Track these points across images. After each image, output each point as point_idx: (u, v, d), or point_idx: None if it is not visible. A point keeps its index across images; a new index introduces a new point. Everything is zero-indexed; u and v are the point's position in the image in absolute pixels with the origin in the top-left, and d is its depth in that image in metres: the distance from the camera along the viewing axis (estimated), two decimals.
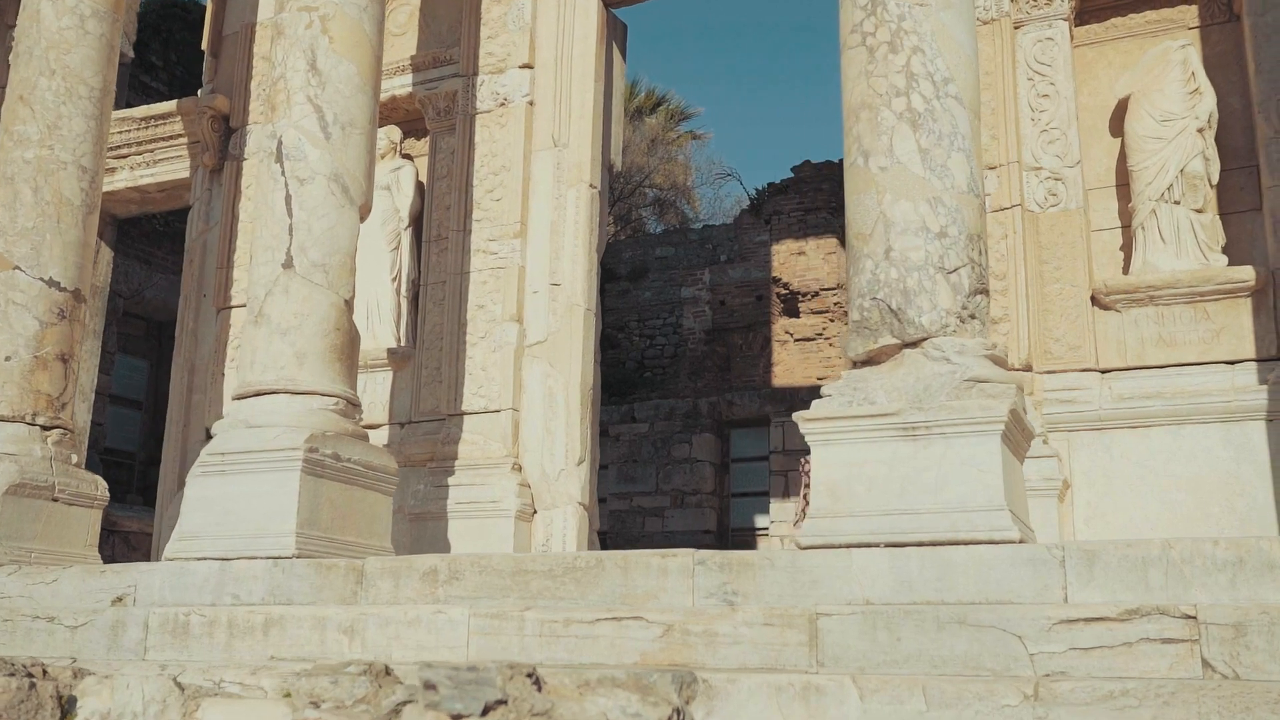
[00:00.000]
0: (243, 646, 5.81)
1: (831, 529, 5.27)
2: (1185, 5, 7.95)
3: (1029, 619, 4.45)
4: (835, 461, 5.37)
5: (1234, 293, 7.09)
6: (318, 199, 7.05)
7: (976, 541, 4.98)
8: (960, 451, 5.16)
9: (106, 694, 3.57)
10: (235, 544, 6.48)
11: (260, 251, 7.07)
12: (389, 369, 9.35)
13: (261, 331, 6.92)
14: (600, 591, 5.49)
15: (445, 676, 2.66)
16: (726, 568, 5.29)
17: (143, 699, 3.50)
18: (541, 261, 9.03)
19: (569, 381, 8.77)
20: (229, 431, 6.78)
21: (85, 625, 6.26)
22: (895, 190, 5.60)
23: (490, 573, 5.76)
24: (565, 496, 8.60)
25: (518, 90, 9.35)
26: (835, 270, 20.06)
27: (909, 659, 4.58)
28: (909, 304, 5.47)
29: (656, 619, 5.01)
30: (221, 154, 10.42)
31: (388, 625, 5.52)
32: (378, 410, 9.26)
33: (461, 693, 2.62)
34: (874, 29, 5.81)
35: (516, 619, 5.27)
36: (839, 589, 5.06)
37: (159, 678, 3.66)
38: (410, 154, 10.04)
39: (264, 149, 7.27)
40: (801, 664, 4.72)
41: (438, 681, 2.65)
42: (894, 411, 5.28)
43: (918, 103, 5.65)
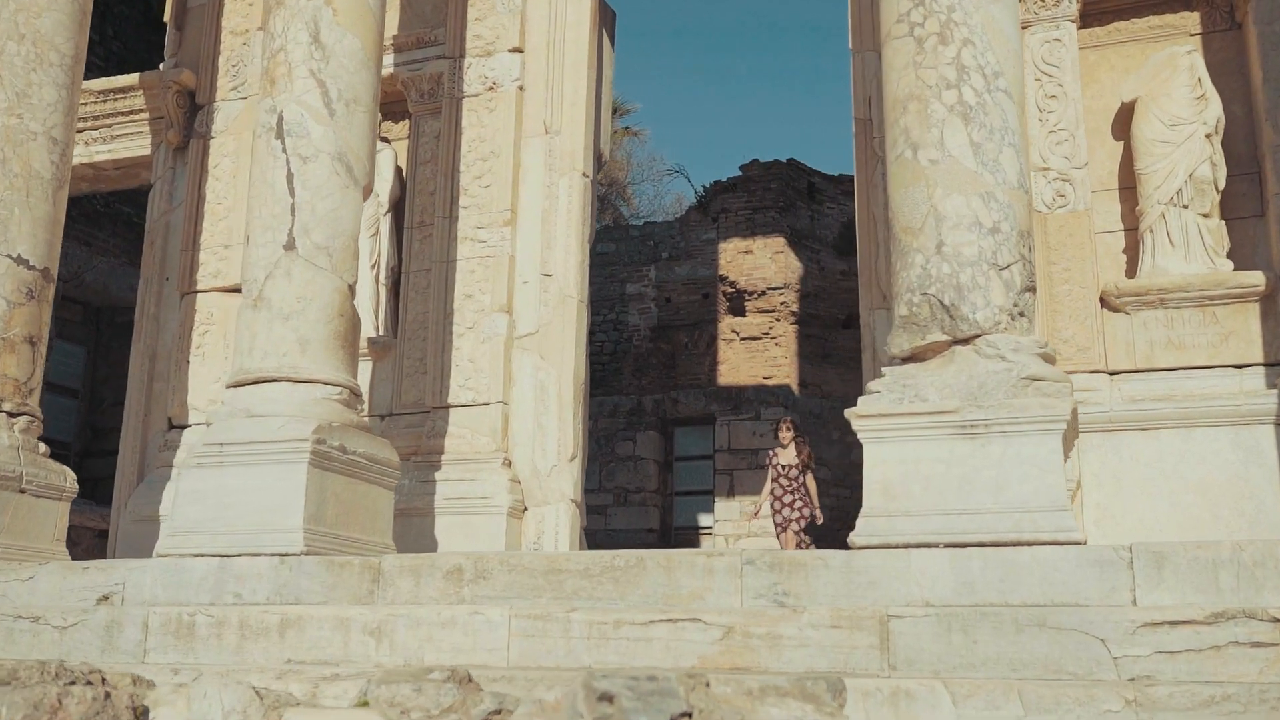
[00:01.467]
0: (256, 649, 5.48)
1: (887, 529, 5.15)
2: (1187, 12, 8.01)
3: (1111, 622, 4.37)
4: (889, 459, 5.25)
5: (1243, 297, 7.15)
6: (321, 178, 6.72)
7: (1040, 542, 4.90)
8: (1021, 450, 5.08)
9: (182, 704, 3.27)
10: (236, 540, 6.14)
11: (259, 231, 6.71)
12: (369, 359, 8.99)
13: (261, 316, 6.57)
14: (641, 592, 5.29)
15: (624, 686, 2.44)
16: (777, 567, 5.13)
17: (221, 709, 3.21)
18: (532, 251, 8.77)
19: (562, 375, 8.53)
20: (227, 421, 6.42)
21: (76, 625, 5.86)
22: (946, 184, 5.50)
23: (520, 571, 5.52)
24: (558, 493, 8.36)
25: (507, 75, 9.07)
26: (783, 270, 20.07)
27: (986, 662, 4.47)
28: (962, 300, 5.37)
29: (715, 620, 4.83)
30: (187, 131, 9.94)
31: (419, 626, 5.25)
32: None
33: (645, 704, 2.40)
34: (922, 19, 5.71)
35: (562, 620, 5.04)
36: (897, 590, 4.93)
37: (238, 685, 3.37)
38: (387, 136, 9.69)
39: (262, 124, 6.91)
40: (873, 667, 4.58)
41: (616, 692, 2.43)
42: (952, 409, 5.17)
43: (969, 96, 5.56)
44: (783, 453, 11.07)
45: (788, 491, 10.82)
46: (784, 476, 10.88)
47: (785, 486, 10.86)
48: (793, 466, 10.89)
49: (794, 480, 10.83)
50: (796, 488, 10.80)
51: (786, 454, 11.03)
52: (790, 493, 10.80)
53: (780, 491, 10.88)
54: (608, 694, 2.47)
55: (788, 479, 10.86)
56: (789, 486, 10.84)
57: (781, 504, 10.81)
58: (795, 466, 10.88)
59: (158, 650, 5.65)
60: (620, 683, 2.49)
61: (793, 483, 10.83)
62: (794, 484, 10.81)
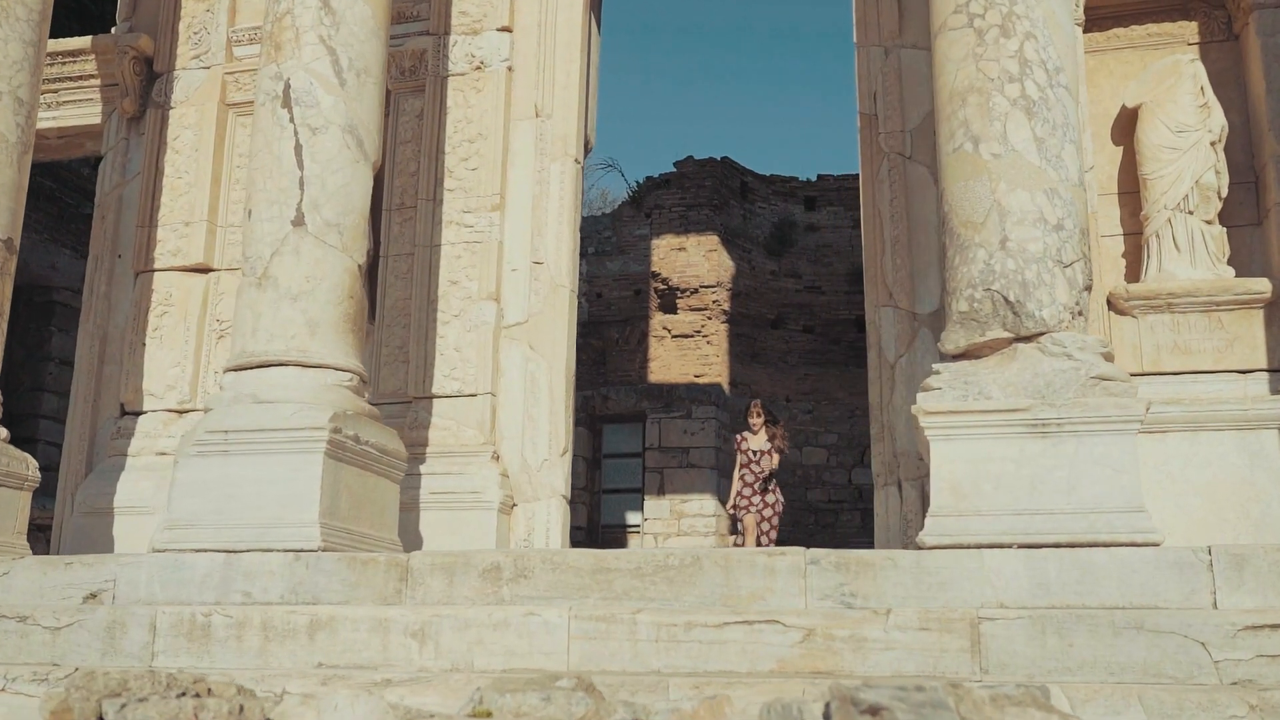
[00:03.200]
0: (282, 652, 5.10)
1: (958, 528, 5.03)
2: (1185, 21, 8.11)
3: (1211, 625, 4.31)
4: (958, 458, 5.13)
5: (1249, 303, 7.25)
6: (331, 151, 6.34)
7: (1117, 544, 4.83)
8: (1093, 450, 5.01)
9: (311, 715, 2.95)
10: (243, 534, 5.73)
11: (263, 205, 6.29)
12: None
13: (267, 295, 6.16)
14: (698, 592, 5.07)
15: (893, 697, 2.23)
16: (843, 567, 4.97)
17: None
18: (522, 238, 8.46)
19: (553, 366, 8.25)
20: (231, 407, 5.99)
21: (72, 626, 5.38)
22: (1010, 179, 5.41)
23: (564, 570, 5.25)
24: (549, 489, 8.08)
25: (496, 55, 8.74)
26: (715, 268, 19.99)
27: (1083, 666, 4.37)
28: (1028, 297, 5.28)
29: (795, 622, 4.64)
30: (143, 100, 9.35)
31: (467, 628, 4.94)
32: None
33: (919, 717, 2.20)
34: (983, 11, 5.61)
35: (627, 622, 4.79)
36: (970, 591, 4.81)
37: (369, 698, 3.05)
38: None
39: (265, 91, 6.49)
40: (963, 671, 4.44)
41: (885, 704, 2.22)
42: (1023, 408, 5.08)
43: (1032, 90, 5.47)
44: (753, 438, 10.59)
45: (759, 478, 10.36)
46: (755, 463, 10.42)
47: (757, 473, 10.39)
48: (764, 453, 10.43)
49: (765, 467, 10.40)
50: (768, 475, 10.35)
51: (757, 439, 10.55)
52: (761, 480, 10.35)
53: (752, 479, 10.39)
54: (876, 706, 2.26)
55: (760, 465, 10.41)
56: (760, 473, 10.38)
57: (753, 490, 10.33)
58: (766, 453, 10.42)
59: (168, 653, 5.22)
60: (888, 693, 2.27)
61: (765, 470, 10.39)
62: (766, 471, 10.37)
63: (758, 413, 10.65)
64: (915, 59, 8.09)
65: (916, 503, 7.45)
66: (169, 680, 2.99)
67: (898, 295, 7.76)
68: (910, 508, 7.46)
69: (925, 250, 7.78)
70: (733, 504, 10.43)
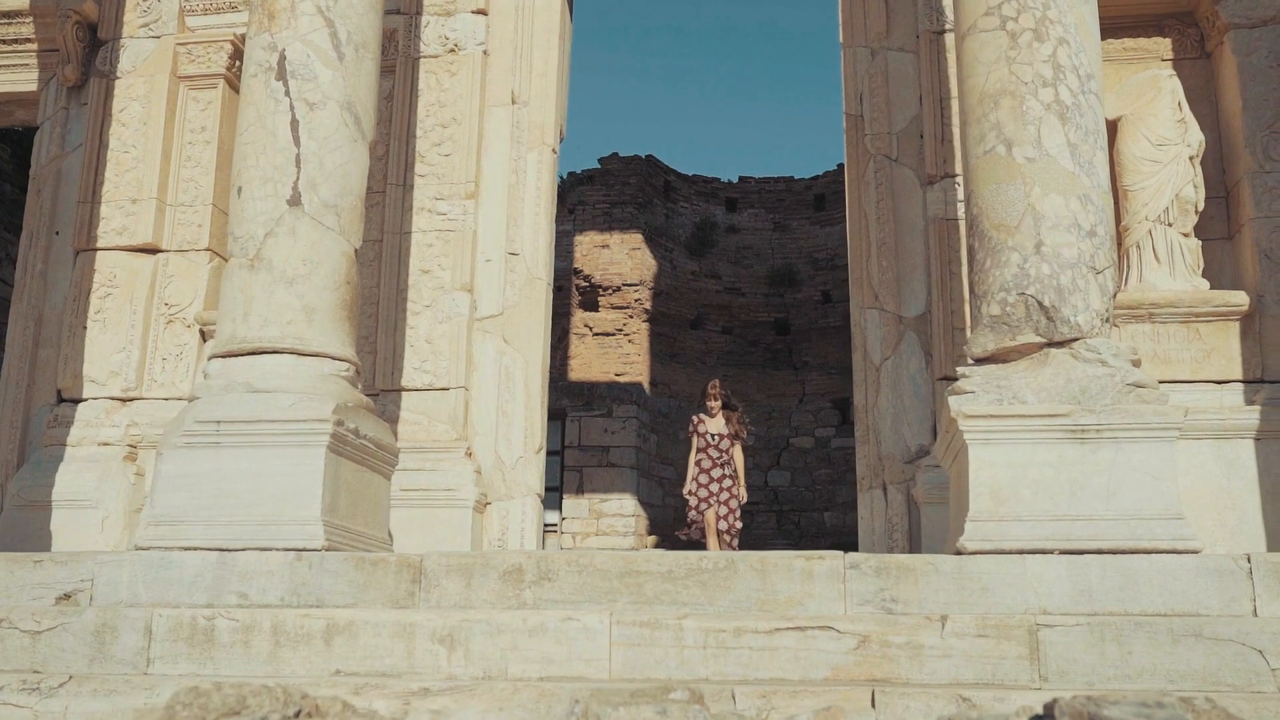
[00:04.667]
0: (295, 658, 4.79)
1: (999, 533, 4.98)
2: (1160, 37, 8.27)
3: (1269, 633, 4.34)
4: (997, 462, 5.08)
5: (1226, 315, 7.41)
6: (330, 128, 6.02)
7: (1158, 551, 4.84)
8: (1132, 457, 5.01)
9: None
10: (238, 532, 5.38)
11: (256, 183, 5.93)
12: None
13: (260, 278, 5.81)
14: (733, 597, 4.93)
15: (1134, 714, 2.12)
16: (883, 572, 4.88)
17: None
18: (496, 227, 8.20)
19: (529, 361, 8.02)
20: (223, 395, 5.62)
21: (54, 630, 4.97)
22: (1045, 183, 5.39)
23: (591, 573, 5.05)
24: (524, 487, 7.84)
25: (471, 37, 8.46)
26: (639, 266, 19.86)
27: (1142, 673, 4.35)
28: (1063, 302, 5.27)
29: (850, 629, 4.53)
30: (85, 68, 8.80)
31: (500, 634, 4.70)
32: None
33: None
34: (1015, 14, 5.59)
35: (673, 628, 4.61)
36: (1013, 597, 4.77)
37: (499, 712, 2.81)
38: None
39: (257, 61, 6.12)
40: (1023, 679, 4.39)
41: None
42: (1063, 413, 5.06)
43: (1065, 95, 5.47)
44: (710, 421, 9.47)
45: (717, 465, 9.26)
46: (713, 448, 9.32)
47: (714, 459, 9.28)
48: (722, 436, 9.35)
49: (724, 453, 9.32)
50: (726, 461, 9.29)
51: (715, 422, 9.45)
52: (719, 466, 9.26)
53: (709, 464, 9.28)
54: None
55: (717, 450, 9.31)
56: (718, 459, 9.28)
57: (710, 478, 9.22)
58: (725, 437, 9.35)
59: (166, 660, 4.85)
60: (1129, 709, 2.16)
61: (723, 454, 9.31)
62: (724, 456, 9.30)
63: (715, 394, 9.58)
64: (901, 61, 8.09)
65: (902, 506, 7.44)
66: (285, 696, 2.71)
67: (884, 298, 7.73)
68: (895, 511, 7.44)
69: (911, 253, 7.78)
70: (689, 490, 9.35)
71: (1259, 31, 7.80)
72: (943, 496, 7.10)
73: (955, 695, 4.07)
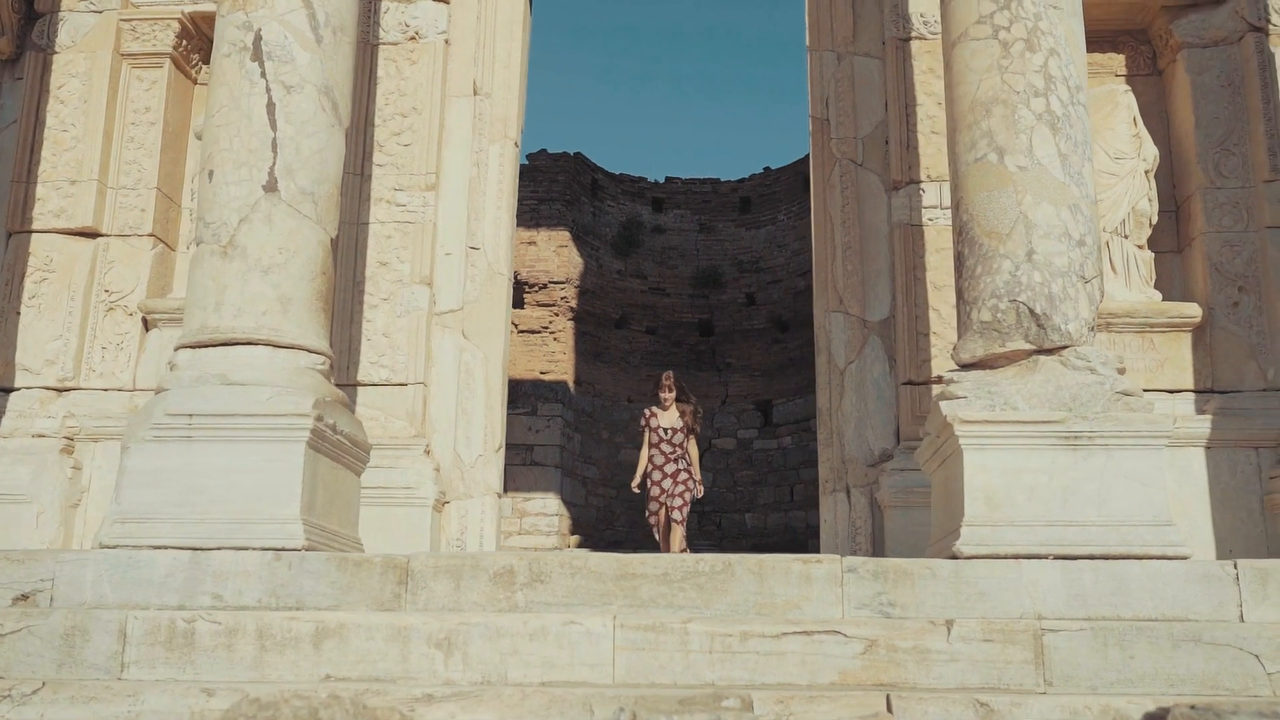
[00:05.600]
0: (282, 662, 4.59)
1: (994, 538, 5.02)
2: (1115, 53, 8.46)
3: (1264, 638, 4.44)
4: (991, 467, 5.12)
5: (1179, 326, 7.60)
6: (308, 113, 5.81)
7: (1149, 556, 4.93)
8: (1122, 464, 5.10)
9: None
10: (211, 530, 5.16)
11: (230, 167, 5.70)
12: None
13: (234, 266, 5.58)
14: (730, 600, 4.88)
15: None
16: (881, 576, 4.88)
17: None
18: (457, 220, 8.03)
19: (489, 357, 7.86)
20: (195, 388, 5.38)
21: (18, 633, 4.69)
22: (1036, 192, 5.45)
23: (585, 575, 4.96)
24: (483, 486, 7.69)
25: (433, 25, 8.27)
26: (565, 264, 19.72)
27: (1143, 678, 4.42)
28: (1054, 310, 5.33)
29: (856, 633, 4.51)
30: (20, 41, 8.38)
31: (499, 638, 4.57)
32: None
33: None
34: (1008, 24, 5.64)
35: (678, 632, 4.54)
36: (1009, 601, 4.82)
37: None
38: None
39: (231, 41, 5.88)
40: (1028, 683, 4.42)
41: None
42: (1057, 420, 5.12)
43: (1056, 106, 5.54)
44: (663, 414, 9.09)
45: (670, 460, 8.90)
46: (666, 442, 8.95)
47: (667, 454, 8.92)
48: (676, 430, 8.99)
49: (678, 447, 8.95)
50: (680, 455, 8.92)
51: (668, 416, 9.08)
52: (673, 461, 8.89)
53: (662, 460, 8.91)
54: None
55: (670, 444, 8.94)
56: (671, 454, 8.92)
57: (664, 474, 8.88)
58: (679, 430, 9.00)
59: (142, 664, 4.62)
60: None
61: (677, 449, 8.94)
62: (678, 450, 8.94)
63: (669, 385, 9.17)
64: (868, 67, 8.14)
65: (865, 509, 7.48)
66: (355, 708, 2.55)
67: (848, 302, 7.76)
68: (859, 514, 7.47)
69: (875, 258, 7.82)
70: (638, 484, 9.06)
71: (1210, 51, 8.02)
72: (908, 500, 7.17)
73: (972, 700, 4.07)
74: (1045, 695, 4.29)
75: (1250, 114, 7.81)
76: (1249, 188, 7.74)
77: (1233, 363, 7.57)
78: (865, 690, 4.34)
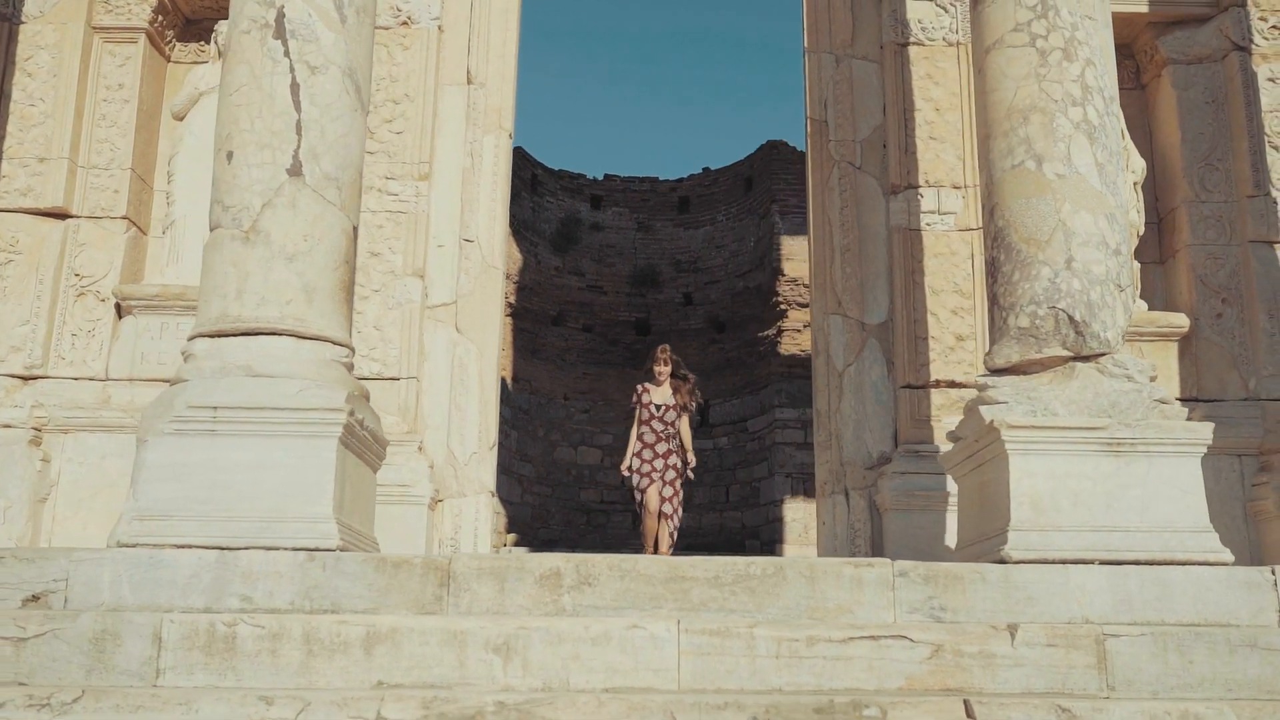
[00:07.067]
0: (331, 669, 4.39)
1: (1042, 543, 5.04)
2: None
3: None
4: (1037, 472, 5.14)
5: (1167, 336, 7.78)
6: (332, 95, 5.59)
7: (1191, 562, 4.99)
8: (1163, 471, 5.16)
9: None
10: (238, 529, 4.92)
11: (251, 148, 5.45)
12: None
13: (256, 252, 5.34)
14: (782, 604, 4.82)
15: None
16: (932, 580, 4.87)
17: None
18: (450, 212, 7.84)
19: (484, 352, 7.69)
20: (219, 379, 5.13)
21: (43, 637, 4.40)
22: (1075, 200, 5.50)
23: (635, 578, 4.85)
24: (477, 484, 7.51)
25: (425, 11, 8.05)
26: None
27: (1203, 683, 4.47)
28: (1093, 317, 5.38)
29: (922, 638, 4.48)
30: None
31: (561, 643, 4.44)
32: None
33: None
34: (1045, 32, 5.68)
35: (744, 637, 4.46)
36: (1057, 606, 4.84)
37: None
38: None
39: (251, 17, 5.62)
40: (1091, 688, 4.44)
41: None
42: (1100, 426, 5.16)
43: (1093, 115, 5.60)
44: (656, 390, 8.36)
45: (661, 439, 8.17)
46: (658, 419, 8.22)
47: (659, 432, 8.18)
48: (669, 408, 8.27)
49: (670, 425, 8.24)
50: (672, 435, 8.23)
51: (660, 392, 8.34)
52: (664, 440, 8.17)
53: (653, 438, 8.17)
54: None
55: (662, 422, 8.21)
56: (663, 433, 8.19)
57: (654, 453, 8.15)
58: (673, 408, 8.28)
59: (179, 670, 4.37)
60: None
61: (669, 428, 8.23)
62: (670, 429, 8.23)
63: (665, 360, 8.46)
64: (866, 71, 8.16)
65: (865, 512, 7.49)
66: None
67: (847, 304, 7.77)
68: (858, 517, 7.48)
69: (874, 261, 7.84)
70: (627, 466, 8.28)
71: (1195, 68, 8.22)
72: (909, 504, 7.21)
73: (1053, 705, 4.08)
74: (1119, 700, 4.31)
75: (1234, 131, 8.02)
76: (1232, 202, 7.95)
77: (1216, 372, 7.76)
78: (934, 695, 4.31)
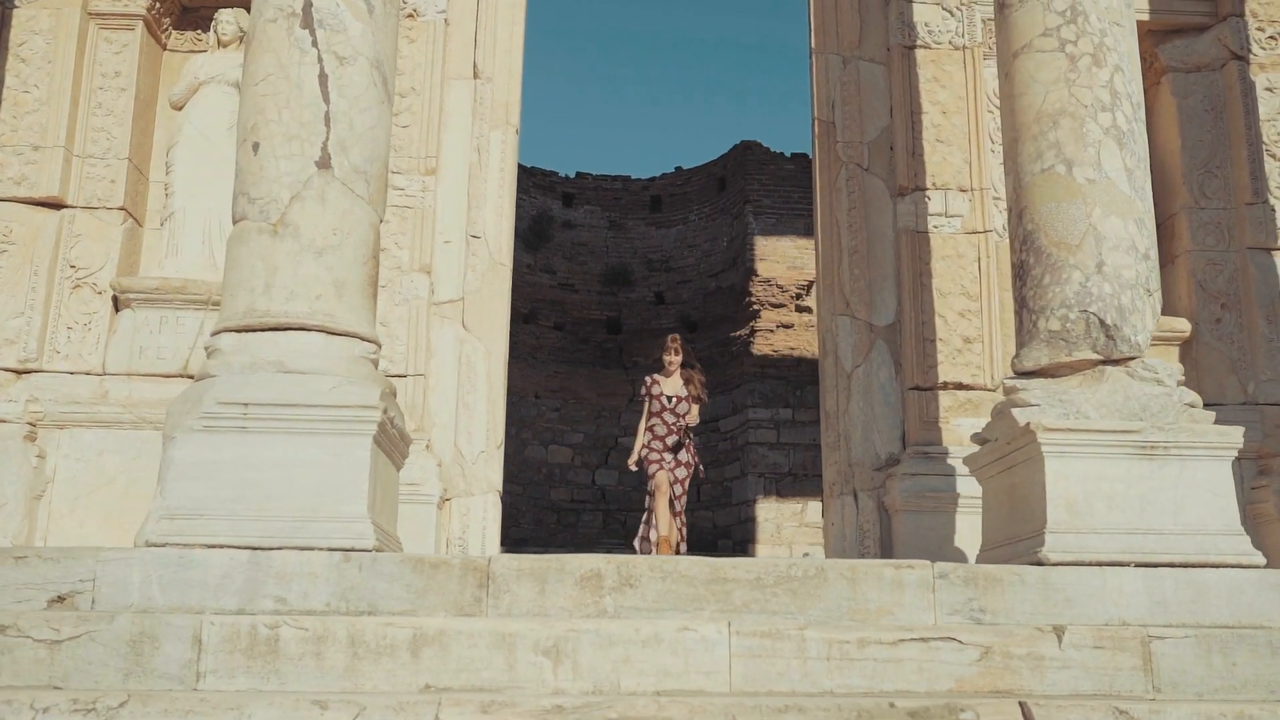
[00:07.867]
0: (377, 672, 4.31)
1: (1078, 546, 5.07)
2: None
3: None
4: (1072, 475, 5.17)
5: (1169, 340, 7.86)
6: (360, 86, 5.50)
7: (1224, 565, 5.04)
8: (1195, 474, 5.21)
9: None
10: (271, 528, 4.82)
11: (278, 139, 5.34)
12: None
13: (285, 246, 5.23)
14: (823, 605, 4.80)
15: None
16: (972, 582, 4.88)
17: None
18: (457, 208, 7.74)
19: (492, 350, 7.61)
20: (249, 375, 5.02)
21: (78, 639, 4.28)
22: (1105, 205, 5.53)
23: (676, 579, 4.81)
24: (485, 483, 7.42)
25: (431, 4, 7.95)
26: None
27: (1245, 684, 4.52)
28: (1124, 321, 5.42)
29: (971, 640, 4.49)
30: None
31: (611, 645, 4.39)
32: None
33: None
34: (1075, 38, 5.71)
35: (795, 639, 4.44)
36: (1094, 608, 4.87)
37: None
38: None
39: (279, 5, 5.51)
40: (1138, 690, 4.47)
41: None
42: (1134, 429, 5.20)
43: (1121, 121, 5.64)
44: (666, 381, 8.11)
45: (673, 431, 7.93)
46: (669, 411, 7.97)
47: (670, 424, 7.94)
48: (680, 399, 8.02)
49: (681, 418, 7.97)
50: (683, 428, 7.98)
51: (671, 383, 8.09)
52: (675, 433, 7.93)
53: (664, 430, 7.93)
54: None
55: (674, 414, 7.96)
56: (674, 424, 7.94)
57: (665, 445, 7.90)
58: (684, 399, 8.03)
59: (220, 674, 4.26)
60: None
61: (680, 419, 7.97)
62: (681, 421, 7.97)
63: (676, 349, 8.20)
64: (873, 72, 8.17)
65: (873, 513, 7.50)
66: None
67: (855, 305, 7.78)
68: (867, 518, 7.49)
69: (881, 263, 7.86)
70: (637, 458, 8.02)
71: (1194, 76, 8.32)
72: (919, 505, 7.23)
73: (1110, 707, 4.09)
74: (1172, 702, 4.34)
75: (1233, 139, 8.13)
76: (1231, 209, 8.06)
77: (1216, 376, 7.86)
78: (985, 698, 4.31)
